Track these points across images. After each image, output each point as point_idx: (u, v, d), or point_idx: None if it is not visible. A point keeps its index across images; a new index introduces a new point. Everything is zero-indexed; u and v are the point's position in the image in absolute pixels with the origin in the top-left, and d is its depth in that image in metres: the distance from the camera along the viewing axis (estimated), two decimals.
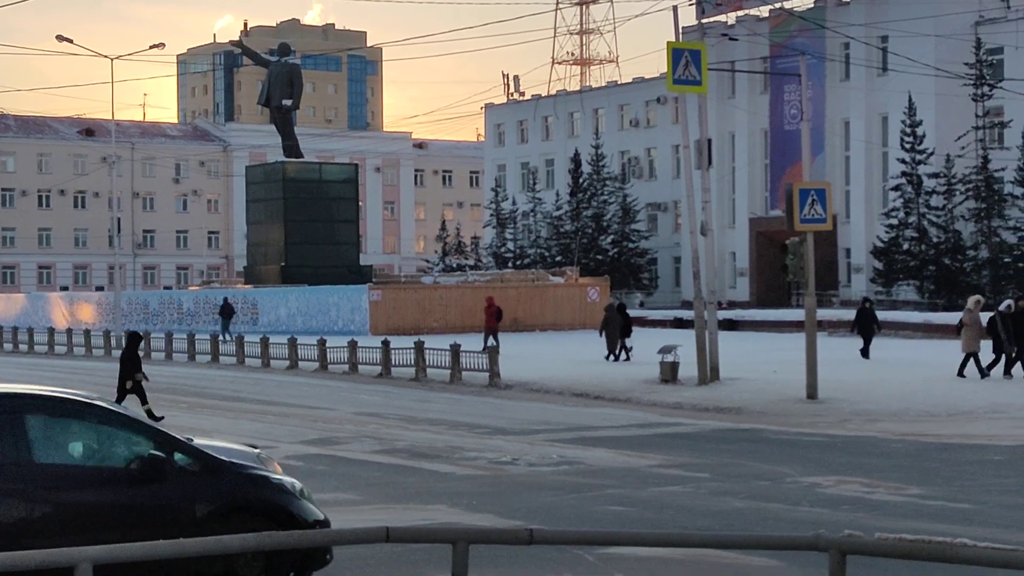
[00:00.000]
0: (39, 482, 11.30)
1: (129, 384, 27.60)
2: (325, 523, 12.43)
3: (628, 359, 44.86)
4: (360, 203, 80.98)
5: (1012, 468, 21.20)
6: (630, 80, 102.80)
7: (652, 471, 21.31)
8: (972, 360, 35.20)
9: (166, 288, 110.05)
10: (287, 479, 12.59)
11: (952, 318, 60.39)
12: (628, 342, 45.52)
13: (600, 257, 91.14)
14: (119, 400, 27.08)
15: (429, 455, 22.77)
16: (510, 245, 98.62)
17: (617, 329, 45.43)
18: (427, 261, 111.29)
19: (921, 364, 41.13)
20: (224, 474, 12.07)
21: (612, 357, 45.05)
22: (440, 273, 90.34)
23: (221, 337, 57.50)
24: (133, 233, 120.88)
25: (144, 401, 27.65)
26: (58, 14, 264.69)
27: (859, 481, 19.81)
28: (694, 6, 43.27)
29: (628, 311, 48.27)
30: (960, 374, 35.17)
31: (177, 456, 11.90)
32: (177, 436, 12.19)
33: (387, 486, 19.28)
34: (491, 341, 46.08)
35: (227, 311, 66.07)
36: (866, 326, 44.32)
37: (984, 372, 34.96)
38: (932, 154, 73.23)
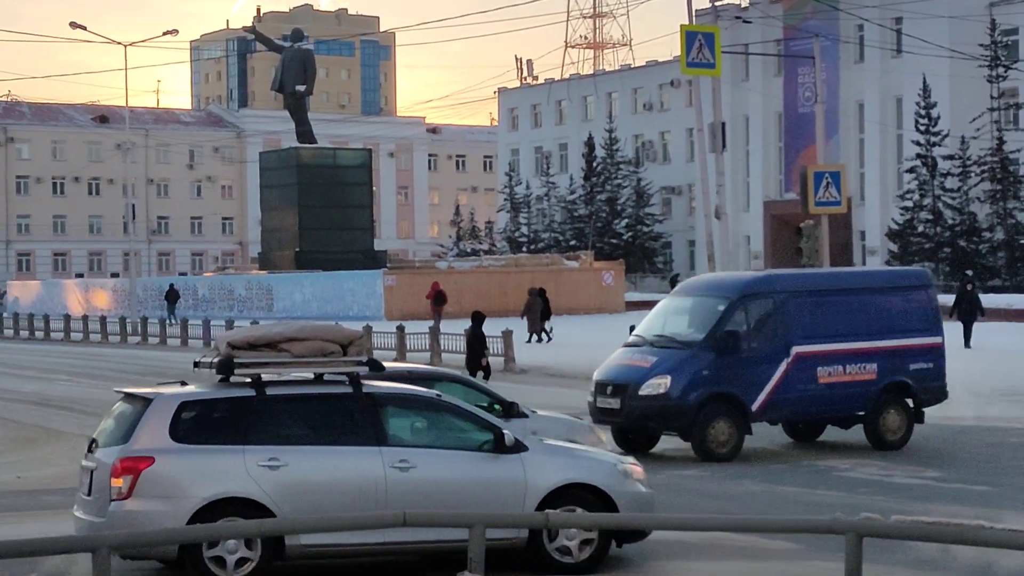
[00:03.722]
0: None
1: (484, 362, 28.80)
2: None
3: (550, 340, 46.94)
4: (374, 188, 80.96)
5: None
6: (643, 63, 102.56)
7: (669, 455, 21.32)
8: None
9: (181, 274, 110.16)
10: None
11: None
12: (548, 324, 47.56)
13: (614, 241, 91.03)
14: (471, 375, 28.64)
15: None
16: (524, 230, 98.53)
17: (538, 313, 47.06)
18: (441, 246, 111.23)
19: None
20: None
21: (535, 339, 46.28)
22: (454, 258, 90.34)
23: (168, 321, 61.11)
24: (148, 219, 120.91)
25: (487, 378, 28.57)
26: (71, 1, 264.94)
27: (876, 464, 19.82)
28: None
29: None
30: None
31: None
32: None
33: None
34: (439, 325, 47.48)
35: (172, 296, 69.28)
36: (968, 310, 40.47)
37: None
38: (947, 136, 73.01)
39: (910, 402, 21.80)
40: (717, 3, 42.81)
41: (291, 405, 12.82)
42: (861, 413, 21.43)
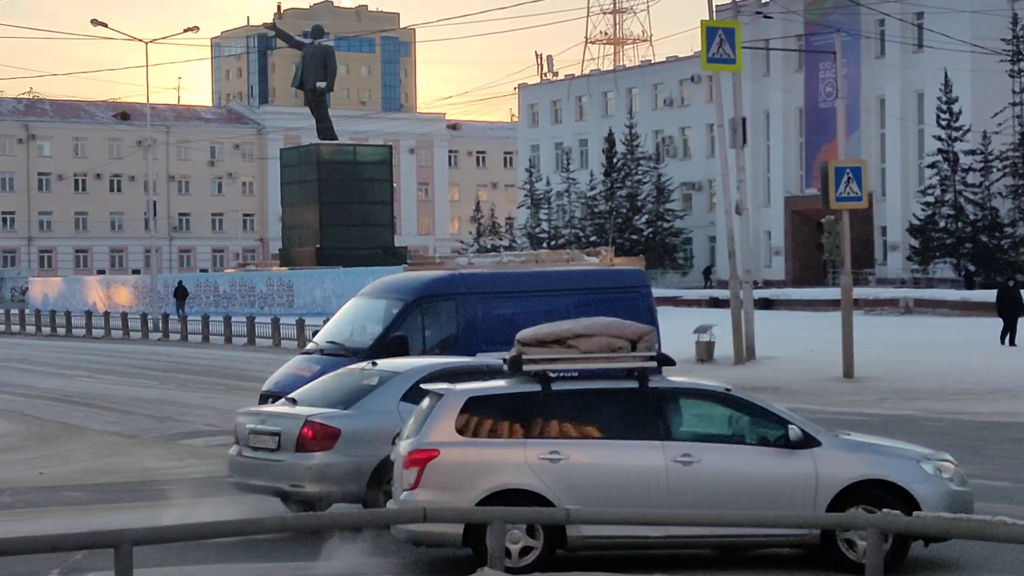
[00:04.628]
0: None
1: None
2: None
3: None
4: (394, 184, 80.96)
5: None
6: (664, 59, 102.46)
7: None
8: None
9: (202, 271, 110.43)
10: None
11: (991, 296, 59.94)
12: None
13: (635, 237, 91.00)
14: None
15: None
16: (544, 225, 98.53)
17: None
18: (461, 242, 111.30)
19: (959, 342, 40.92)
20: None
21: None
22: (474, 254, 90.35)
23: (176, 316, 62.28)
24: (169, 216, 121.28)
25: None
26: None
27: None
28: None
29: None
30: None
31: None
32: None
33: None
34: None
35: (181, 293, 70.66)
36: (1011, 309, 39.58)
37: None
38: (968, 131, 72.77)
39: None
40: None
41: (575, 400, 12.97)
42: None
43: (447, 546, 12.88)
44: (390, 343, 19.00)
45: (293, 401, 16.14)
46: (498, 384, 13.33)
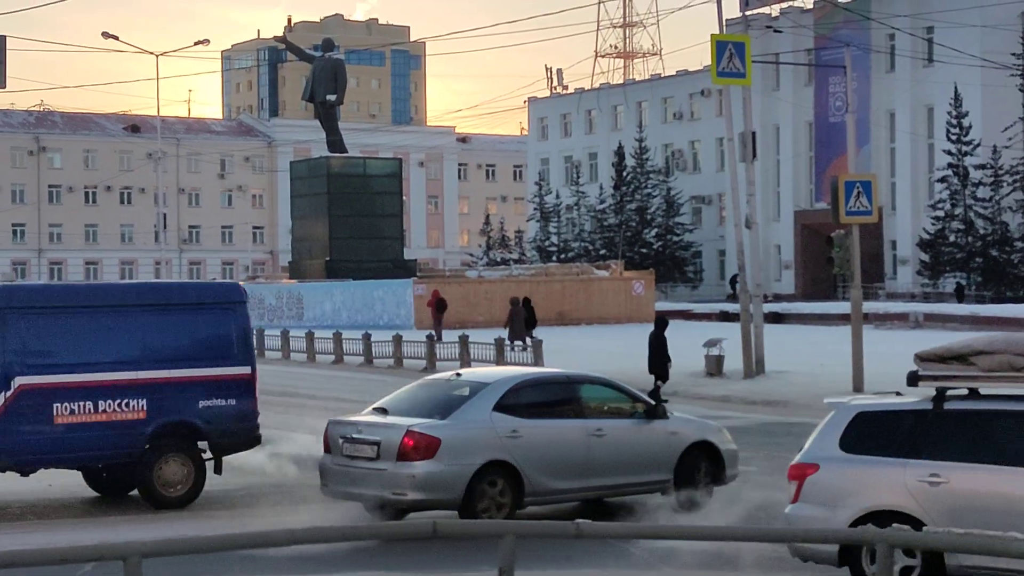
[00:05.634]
0: None
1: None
2: None
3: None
4: (404, 197, 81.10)
5: None
6: (674, 73, 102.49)
7: None
8: None
9: None
10: None
11: (1000, 311, 59.81)
12: (533, 334, 47.19)
13: (644, 250, 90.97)
14: (655, 377, 29.88)
15: None
16: (554, 239, 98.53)
17: (521, 322, 46.93)
18: (471, 255, 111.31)
19: None
20: None
21: (518, 347, 46.39)
22: (484, 267, 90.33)
23: None
24: (179, 229, 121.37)
25: (664, 380, 30.13)
26: (104, 11, 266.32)
27: None
28: None
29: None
30: None
31: None
32: None
33: None
34: (434, 334, 47.77)
35: None
36: None
37: None
38: (979, 145, 72.75)
39: (204, 447, 18.34)
40: (748, 12, 42.76)
41: (967, 420, 12.34)
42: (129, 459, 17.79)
43: (825, 563, 12.52)
44: None
45: (383, 411, 16.44)
46: (889, 400, 12.92)
